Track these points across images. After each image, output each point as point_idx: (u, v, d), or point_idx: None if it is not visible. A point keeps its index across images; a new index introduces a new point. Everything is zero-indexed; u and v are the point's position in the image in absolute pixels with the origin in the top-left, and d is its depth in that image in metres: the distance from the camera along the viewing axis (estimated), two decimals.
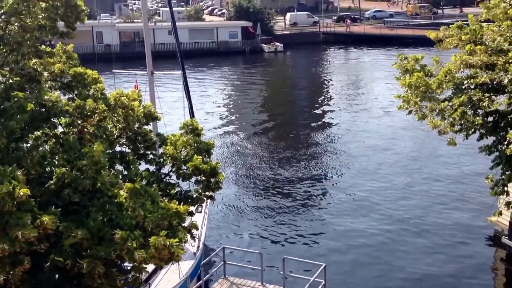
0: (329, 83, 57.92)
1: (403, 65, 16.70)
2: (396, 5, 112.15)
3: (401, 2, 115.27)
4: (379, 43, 77.44)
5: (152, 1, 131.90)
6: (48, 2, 10.41)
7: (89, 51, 64.41)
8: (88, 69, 12.68)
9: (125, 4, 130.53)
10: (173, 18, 24.67)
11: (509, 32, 14.51)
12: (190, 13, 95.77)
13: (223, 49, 75.15)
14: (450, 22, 74.94)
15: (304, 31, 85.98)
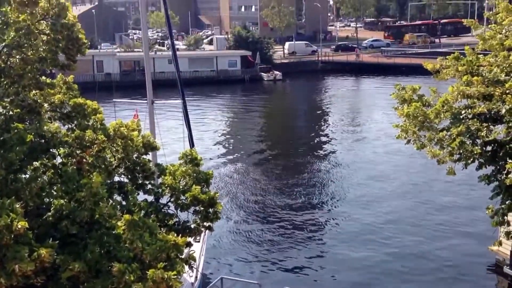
0: (327, 112, 58.18)
1: (400, 95, 16.80)
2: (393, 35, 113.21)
3: None
4: (377, 72, 78.04)
5: (152, 31, 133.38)
6: (49, 35, 10.54)
7: (90, 79, 64.76)
8: (88, 100, 12.77)
9: (126, 34, 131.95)
10: (173, 48, 24.89)
11: (505, 62, 14.66)
12: (190, 43, 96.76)
13: (223, 78, 75.68)
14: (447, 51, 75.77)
15: (303, 60, 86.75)
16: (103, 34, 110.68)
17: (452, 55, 15.89)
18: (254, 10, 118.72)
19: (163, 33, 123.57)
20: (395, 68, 77.42)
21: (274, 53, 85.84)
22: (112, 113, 25.07)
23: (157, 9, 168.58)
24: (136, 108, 24.74)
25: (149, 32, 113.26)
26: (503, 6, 15.99)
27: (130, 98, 37.79)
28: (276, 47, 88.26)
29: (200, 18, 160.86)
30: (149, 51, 24.17)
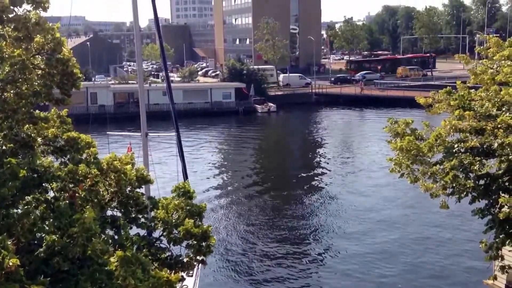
0: (321, 144, 58.36)
1: (393, 129, 16.89)
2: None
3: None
4: (371, 104, 78.66)
5: (147, 63, 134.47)
6: (44, 69, 10.59)
7: (83, 111, 64.92)
8: (82, 133, 12.77)
9: (120, 66, 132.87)
10: (168, 80, 25.01)
11: (496, 97, 14.82)
12: (184, 75, 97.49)
13: (217, 110, 76.00)
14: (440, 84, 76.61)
15: (297, 92, 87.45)
16: (97, 66, 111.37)
17: (444, 89, 16.06)
18: (248, 43, 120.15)
19: (158, 65, 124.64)
20: (388, 101, 78.08)
21: (268, 85, 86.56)
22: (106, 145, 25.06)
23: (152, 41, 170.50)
24: (130, 141, 24.76)
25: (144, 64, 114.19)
26: (494, 41, 16.24)
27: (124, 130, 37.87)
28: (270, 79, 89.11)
29: (195, 50, 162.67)
30: (143, 83, 24.30)
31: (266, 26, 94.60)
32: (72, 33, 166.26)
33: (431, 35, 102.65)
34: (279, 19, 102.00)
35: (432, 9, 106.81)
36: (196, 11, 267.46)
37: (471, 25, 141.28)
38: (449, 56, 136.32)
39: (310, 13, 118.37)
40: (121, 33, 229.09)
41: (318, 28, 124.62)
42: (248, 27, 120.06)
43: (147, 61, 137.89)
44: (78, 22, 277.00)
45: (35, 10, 10.05)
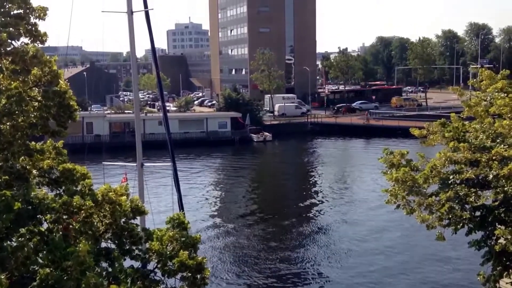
0: (317, 173, 58.33)
1: (389, 160, 16.95)
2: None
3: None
4: (366, 134, 78.95)
5: (143, 93, 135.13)
6: (41, 101, 10.63)
7: (79, 141, 64.84)
8: (77, 164, 12.76)
9: (117, 95, 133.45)
10: (164, 110, 25.13)
11: (490, 129, 14.94)
12: (180, 104, 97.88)
13: (213, 139, 76.09)
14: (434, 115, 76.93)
15: (292, 121, 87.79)
16: (94, 96, 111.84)
17: (439, 121, 16.20)
18: (244, 73, 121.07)
19: (154, 94, 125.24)
20: (383, 130, 78.43)
21: (264, 114, 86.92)
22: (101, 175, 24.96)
23: (149, 71, 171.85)
24: (125, 171, 24.70)
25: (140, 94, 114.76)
26: (487, 74, 16.47)
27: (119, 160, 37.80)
28: (266, 108, 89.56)
29: (191, 80, 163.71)
30: (139, 113, 24.37)
31: (261, 56, 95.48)
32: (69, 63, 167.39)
33: (425, 66, 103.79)
34: (275, 50, 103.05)
35: (425, 40, 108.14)
36: (192, 42, 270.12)
37: (465, 55, 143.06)
38: (443, 86, 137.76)
39: (305, 44, 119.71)
40: (117, 63, 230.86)
41: (314, 58, 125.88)
42: (244, 57, 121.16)
43: (144, 90, 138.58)
44: (75, 52, 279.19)
45: (33, 43, 10.14)
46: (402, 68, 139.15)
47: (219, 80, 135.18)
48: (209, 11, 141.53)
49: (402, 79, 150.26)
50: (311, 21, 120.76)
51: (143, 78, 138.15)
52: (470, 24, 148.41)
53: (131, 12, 19.26)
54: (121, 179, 22.99)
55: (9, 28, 9.80)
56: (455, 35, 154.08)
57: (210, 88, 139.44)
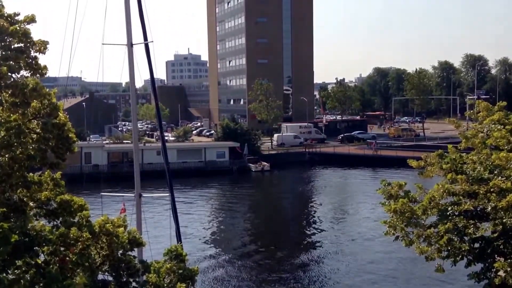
0: (314, 204, 58.11)
1: (387, 191, 16.96)
2: (378, 128, 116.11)
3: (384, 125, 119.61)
4: (363, 164, 78.95)
5: (142, 123, 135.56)
6: (39, 134, 10.67)
7: (77, 171, 64.75)
8: (75, 195, 12.73)
9: (115, 125, 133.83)
10: (163, 140, 25.12)
11: (488, 161, 14.99)
12: (179, 134, 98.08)
13: (211, 169, 76.00)
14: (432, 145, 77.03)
15: (290, 151, 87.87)
16: (92, 126, 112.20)
17: (436, 152, 16.26)
18: (243, 103, 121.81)
19: (153, 124, 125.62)
20: (381, 160, 78.47)
21: (262, 144, 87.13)
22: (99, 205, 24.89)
23: (148, 101, 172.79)
24: (123, 201, 24.60)
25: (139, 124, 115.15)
26: (483, 105, 16.60)
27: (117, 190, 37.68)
28: (264, 138, 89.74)
29: (190, 110, 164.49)
30: (138, 143, 24.40)
31: (260, 87, 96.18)
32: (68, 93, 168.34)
33: (422, 96, 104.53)
34: (273, 80, 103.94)
35: (422, 71, 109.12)
36: (191, 72, 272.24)
37: (461, 86, 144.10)
38: (440, 116, 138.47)
39: (303, 74, 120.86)
40: (117, 93, 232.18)
41: (311, 89, 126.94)
42: (242, 88, 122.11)
43: (142, 120, 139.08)
44: (74, 82, 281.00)
45: (33, 76, 10.24)
46: (399, 99, 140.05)
47: (218, 110, 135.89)
48: (208, 42, 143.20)
49: (399, 109, 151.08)
50: (308, 52, 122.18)
51: (142, 108, 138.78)
52: (466, 56, 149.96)
53: (131, 44, 19.47)
54: (119, 210, 22.90)
55: (9, 62, 9.91)
56: (451, 66, 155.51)
57: (208, 118, 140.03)
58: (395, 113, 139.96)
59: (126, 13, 18.82)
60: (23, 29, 10.20)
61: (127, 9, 18.82)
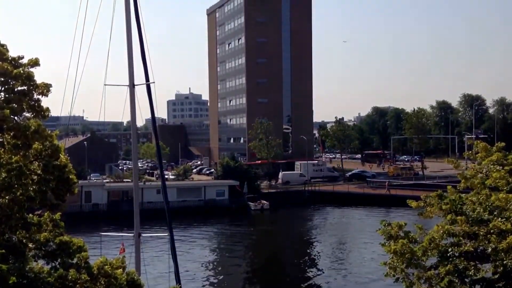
0: (314, 243, 57.67)
1: (387, 231, 16.89)
2: (378, 166, 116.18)
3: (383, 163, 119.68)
4: (363, 203, 78.66)
5: (142, 161, 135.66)
6: (40, 175, 10.73)
7: (77, 210, 64.51)
8: (74, 237, 12.70)
9: (116, 164, 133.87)
10: (163, 179, 25.11)
11: (487, 201, 14.99)
12: (179, 173, 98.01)
13: (210, 207, 75.70)
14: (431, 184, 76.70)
15: (290, 190, 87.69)
16: (93, 165, 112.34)
17: (435, 193, 16.27)
18: (243, 141, 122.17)
19: (153, 163, 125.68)
20: (381, 199, 78.22)
21: (261, 183, 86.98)
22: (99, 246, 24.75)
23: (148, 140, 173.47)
24: (122, 241, 24.47)
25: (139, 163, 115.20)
26: (482, 146, 16.70)
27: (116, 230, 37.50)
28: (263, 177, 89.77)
29: (190, 149, 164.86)
30: (138, 182, 24.39)
31: (260, 125, 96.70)
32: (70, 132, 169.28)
33: (421, 136, 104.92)
34: (273, 119, 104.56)
35: (420, 111, 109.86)
36: (192, 112, 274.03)
37: (460, 126, 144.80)
38: (439, 155, 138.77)
39: (302, 113, 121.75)
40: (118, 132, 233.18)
41: (310, 127, 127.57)
42: (242, 126, 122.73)
43: (143, 159, 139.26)
44: (76, 121, 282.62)
45: (35, 118, 10.37)
46: (398, 138, 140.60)
47: (218, 148, 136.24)
48: (209, 82, 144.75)
49: (398, 148, 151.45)
50: (308, 92, 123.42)
51: (142, 147, 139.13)
52: (464, 95, 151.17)
53: (133, 85, 19.72)
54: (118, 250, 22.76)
55: (12, 104, 10.06)
56: (449, 106, 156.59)
57: (208, 157, 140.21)
58: (394, 152, 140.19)
59: (128, 55, 19.14)
60: (26, 72, 10.40)
61: (129, 51, 19.15)
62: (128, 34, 19.04)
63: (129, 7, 18.93)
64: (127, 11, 18.91)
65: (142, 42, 19.46)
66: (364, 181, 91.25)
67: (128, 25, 19.02)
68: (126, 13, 18.91)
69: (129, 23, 19.02)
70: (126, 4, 18.90)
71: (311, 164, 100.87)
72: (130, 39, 19.08)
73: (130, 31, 18.97)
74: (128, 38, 19.09)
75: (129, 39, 19.06)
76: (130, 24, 19.00)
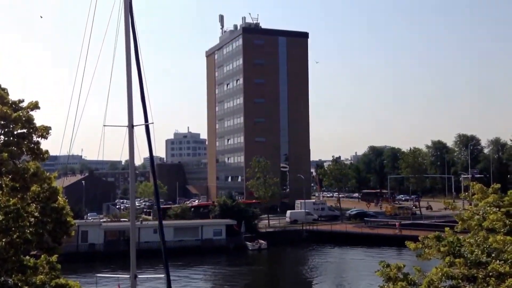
0: (313, 284, 56.93)
1: (386, 273, 16.78)
2: (375, 206, 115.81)
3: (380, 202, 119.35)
4: (361, 242, 78.02)
5: (140, 200, 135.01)
6: (37, 217, 10.72)
7: (73, 250, 63.80)
8: (70, 279, 12.61)
9: (113, 203, 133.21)
10: (160, 219, 24.95)
11: (485, 243, 14.97)
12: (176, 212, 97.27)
13: (207, 247, 74.96)
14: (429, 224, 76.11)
15: (288, 229, 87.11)
16: (91, 204, 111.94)
17: (433, 234, 16.24)
18: (240, 180, 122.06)
19: (151, 202, 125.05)
20: (379, 239, 77.62)
21: (259, 222, 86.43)
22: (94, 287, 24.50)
23: (146, 179, 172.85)
24: (119, 283, 24.20)
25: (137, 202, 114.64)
26: (478, 187, 16.75)
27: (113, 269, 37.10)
28: (261, 216, 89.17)
29: (188, 188, 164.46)
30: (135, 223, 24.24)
31: (257, 164, 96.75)
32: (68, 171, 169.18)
33: (417, 175, 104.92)
34: (270, 158, 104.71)
35: (416, 150, 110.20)
36: (190, 150, 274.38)
37: (455, 165, 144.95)
38: (435, 195, 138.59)
39: (300, 152, 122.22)
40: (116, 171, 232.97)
41: (308, 166, 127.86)
42: (240, 165, 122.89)
43: (140, 198, 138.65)
44: (75, 161, 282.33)
45: (34, 160, 10.43)
46: (394, 177, 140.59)
47: (215, 187, 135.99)
48: (208, 121, 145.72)
49: (395, 187, 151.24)
50: (305, 131, 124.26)
51: (140, 186, 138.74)
52: (459, 136, 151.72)
53: (131, 126, 19.81)
54: None
55: (11, 148, 10.12)
56: (444, 146, 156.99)
57: (206, 195, 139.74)
58: (391, 191, 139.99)
59: (128, 97, 19.29)
60: (26, 115, 10.51)
61: (129, 93, 19.31)
62: (128, 77, 19.25)
63: (129, 49, 19.20)
64: (127, 53, 19.18)
65: (142, 84, 19.66)
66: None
67: (128, 67, 19.26)
68: (126, 54, 19.17)
69: (129, 65, 19.26)
70: (127, 46, 19.18)
71: (311, 203, 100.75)
72: (130, 81, 19.30)
73: (130, 73, 19.19)
74: (128, 80, 19.30)
75: (129, 81, 19.27)
76: (130, 66, 19.24)
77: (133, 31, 19.12)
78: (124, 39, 18.92)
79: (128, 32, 19.04)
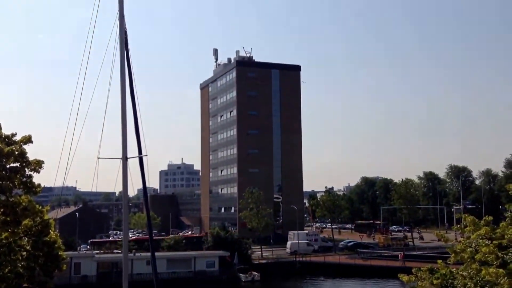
0: None
1: None
2: (368, 237, 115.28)
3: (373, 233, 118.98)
4: (355, 274, 77.41)
5: (133, 231, 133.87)
6: (29, 251, 10.66)
7: (65, 282, 62.92)
8: None
9: (107, 235, 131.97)
10: (152, 250, 24.79)
11: (478, 276, 14.96)
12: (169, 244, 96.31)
13: (200, 279, 74.08)
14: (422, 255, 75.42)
15: (281, 260, 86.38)
16: (84, 235, 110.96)
17: (426, 267, 16.23)
18: (233, 211, 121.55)
19: (144, 233, 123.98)
20: (372, 270, 77.04)
21: (252, 253, 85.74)
22: None
23: (140, 210, 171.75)
24: None
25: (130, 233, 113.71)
26: (470, 220, 16.80)
27: None
28: (254, 247, 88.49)
29: (181, 218, 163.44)
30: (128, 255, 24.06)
31: (250, 195, 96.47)
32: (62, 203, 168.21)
33: (409, 206, 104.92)
34: (263, 189, 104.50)
35: (408, 181, 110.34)
36: (184, 181, 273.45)
37: (447, 196, 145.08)
38: (428, 225, 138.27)
39: (293, 183, 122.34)
40: (109, 202, 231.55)
41: (301, 197, 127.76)
42: (233, 196, 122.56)
43: (134, 229, 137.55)
44: (69, 192, 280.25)
45: (27, 194, 10.42)
46: (387, 208, 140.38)
47: (209, 218, 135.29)
48: (201, 152, 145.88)
49: (388, 218, 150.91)
50: (297, 162, 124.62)
51: (133, 217, 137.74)
52: (451, 167, 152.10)
53: (125, 158, 19.89)
54: None
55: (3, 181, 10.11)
56: (436, 177, 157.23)
57: (199, 226, 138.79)
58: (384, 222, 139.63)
59: (122, 130, 19.43)
60: (19, 149, 10.54)
61: (123, 125, 19.46)
62: (123, 110, 19.43)
63: (124, 84, 19.44)
64: (122, 87, 19.40)
65: (136, 117, 19.85)
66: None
67: (123, 101, 19.45)
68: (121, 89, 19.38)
69: (124, 99, 19.46)
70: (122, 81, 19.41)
71: (304, 234, 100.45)
72: (125, 115, 19.45)
73: (124, 107, 19.37)
74: (122, 114, 19.46)
75: (123, 115, 19.43)
76: (125, 101, 19.44)
77: (128, 66, 19.38)
78: (120, 75, 19.15)
79: (124, 68, 19.31)
